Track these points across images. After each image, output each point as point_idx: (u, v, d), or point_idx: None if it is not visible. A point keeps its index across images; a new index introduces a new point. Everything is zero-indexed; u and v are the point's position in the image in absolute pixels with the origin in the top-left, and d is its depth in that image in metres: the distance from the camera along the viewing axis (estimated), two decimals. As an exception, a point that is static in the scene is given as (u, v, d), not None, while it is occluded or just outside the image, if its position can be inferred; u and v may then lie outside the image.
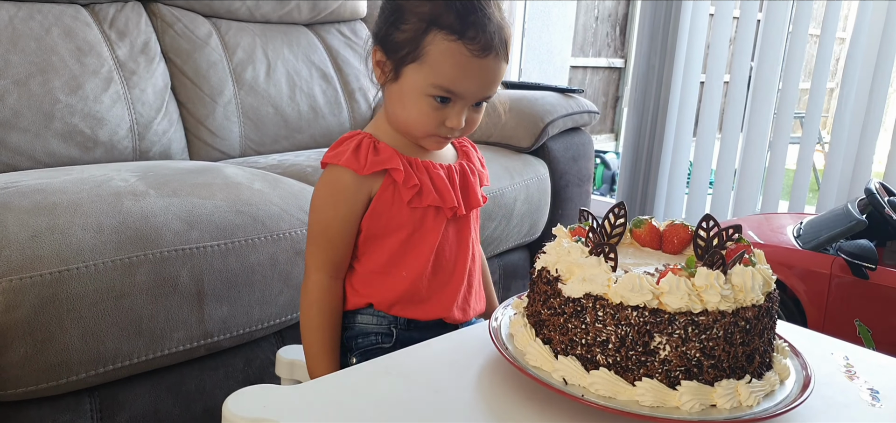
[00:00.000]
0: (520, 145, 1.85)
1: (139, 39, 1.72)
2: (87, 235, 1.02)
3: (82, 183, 1.14)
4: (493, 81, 0.88)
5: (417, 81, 0.86)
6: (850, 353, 0.83)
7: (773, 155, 2.74)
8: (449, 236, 0.95)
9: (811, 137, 2.71)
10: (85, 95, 1.56)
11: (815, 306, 1.80)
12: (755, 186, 2.80)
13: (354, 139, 0.91)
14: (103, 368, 1.06)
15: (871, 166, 2.53)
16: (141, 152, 1.65)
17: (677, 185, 2.96)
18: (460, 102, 0.87)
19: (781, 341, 0.73)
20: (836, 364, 0.79)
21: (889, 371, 0.79)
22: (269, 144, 1.90)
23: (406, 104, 0.88)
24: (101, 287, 1.02)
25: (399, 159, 0.89)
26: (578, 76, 4.80)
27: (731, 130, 2.86)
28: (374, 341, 0.95)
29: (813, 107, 2.67)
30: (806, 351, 0.81)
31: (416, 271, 0.92)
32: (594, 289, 0.65)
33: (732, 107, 2.82)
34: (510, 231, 1.74)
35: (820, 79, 2.62)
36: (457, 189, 0.94)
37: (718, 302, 0.62)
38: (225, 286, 1.16)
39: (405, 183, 0.89)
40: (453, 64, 0.84)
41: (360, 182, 0.89)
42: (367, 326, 0.95)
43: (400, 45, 0.86)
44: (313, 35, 2.13)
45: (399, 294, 0.93)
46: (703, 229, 0.78)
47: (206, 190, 1.20)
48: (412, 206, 0.90)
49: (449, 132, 0.89)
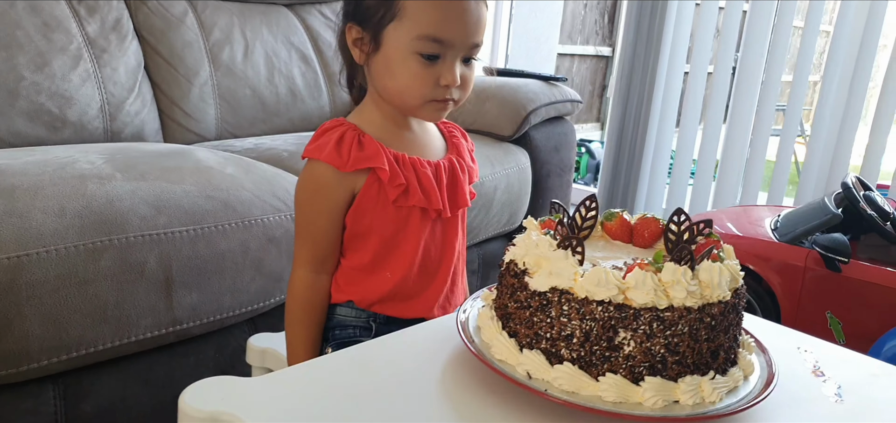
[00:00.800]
0: (501, 134, 1.84)
1: (110, 16, 1.67)
2: (49, 219, 1.00)
3: (45, 165, 1.11)
4: (477, 23, 0.84)
5: (400, 40, 0.82)
6: (817, 349, 0.83)
7: (755, 146, 2.76)
8: (436, 236, 0.93)
9: (792, 129, 2.72)
10: (52, 73, 1.52)
11: (788, 298, 1.81)
12: (736, 177, 2.81)
13: (337, 131, 0.86)
14: (66, 355, 1.04)
15: (849, 159, 2.54)
16: (112, 134, 1.61)
17: (659, 174, 2.97)
18: (451, 54, 0.83)
19: (748, 337, 0.73)
20: (802, 361, 0.79)
21: (855, 368, 0.79)
22: (245, 127, 1.87)
23: (394, 71, 0.84)
24: (63, 273, 0.99)
25: (384, 156, 0.85)
26: (566, 64, 4.79)
27: (714, 121, 2.87)
28: (351, 334, 0.93)
29: (795, 99, 2.68)
30: (774, 347, 0.81)
31: (401, 271, 0.90)
32: (560, 283, 0.64)
33: (715, 97, 2.83)
34: (490, 221, 1.73)
35: (802, 71, 2.63)
36: (443, 189, 0.90)
37: (684, 298, 0.62)
38: (194, 273, 1.14)
39: (391, 182, 0.85)
40: (432, 7, 0.81)
41: (341, 178, 0.85)
42: (346, 319, 0.93)
43: (374, 8, 0.83)
44: (293, 16, 2.09)
45: (382, 294, 0.91)
46: (674, 223, 0.77)
47: (175, 174, 1.18)
48: (397, 205, 0.87)
49: (446, 92, 0.85)
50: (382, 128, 0.89)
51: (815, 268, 1.76)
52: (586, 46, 5.00)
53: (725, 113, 2.86)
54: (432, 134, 0.97)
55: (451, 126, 1.01)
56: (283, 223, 1.25)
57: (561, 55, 4.67)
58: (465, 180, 0.95)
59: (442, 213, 0.90)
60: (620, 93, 2.95)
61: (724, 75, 2.81)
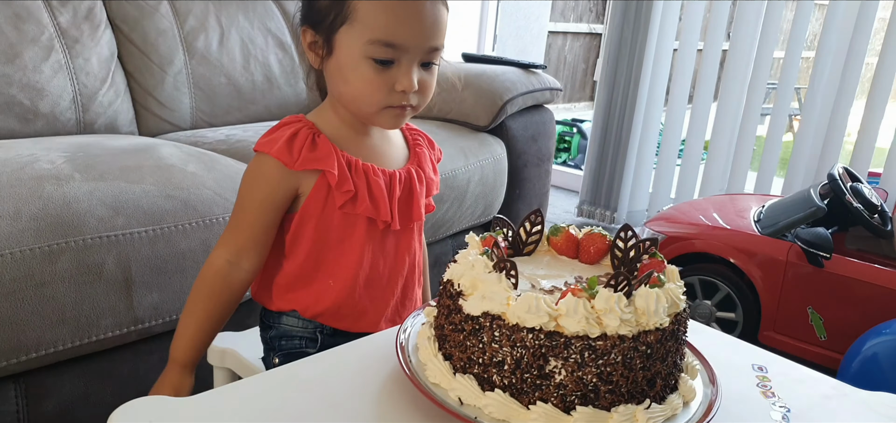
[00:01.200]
0: (477, 123, 1.81)
1: (83, 5, 1.65)
2: (4, 222, 0.99)
3: (4, 165, 1.10)
4: (433, 26, 0.80)
5: (352, 45, 0.79)
6: (773, 366, 0.82)
7: (745, 126, 2.72)
8: (386, 248, 0.90)
9: (783, 108, 2.68)
10: (23, 64, 1.50)
11: (769, 292, 1.80)
12: (725, 157, 2.78)
13: (292, 127, 0.84)
14: (25, 356, 1.03)
15: (843, 137, 2.51)
16: (85, 125, 1.60)
17: (646, 156, 2.95)
18: (406, 59, 0.80)
19: (692, 361, 0.72)
20: (753, 381, 0.78)
21: (806, 387, 0.78)
22: (221, 116, 1.86)
23: (347, 76, 0.81)
24: (18, 276, 0.99)
25: (335, 159, 0.83)
26: (558, 42, 4.74)
27: (703, 100, 2.83)
28: (297, 346, 0.91)
29: (786, 77, 2.63)
30: (727, 364, 0.80)
31: (345, 281, 0.88)
32: (493, 308, 0.63)
33: (705, 76, 2.79)
34: (463, 213, 1.71)
35: (795, 48, 2.58)
36: (394, 201, 0.87)
37: (618, 326, 0.60)
38: (154, 273, 1.13)
39: (339, 186, 0.83)
40: (383, 9, 0.77)
41: (286, 175, 0.83)
42: (292, 329, 0.92)
43: (325, 11, 0.80)
44: (271, 1, 2.06)
45: (325, 305, 0.89)
46: (621, 239, 0.75)
47: (135, 173, 1.16)
48: (344, 211, 0.85)
49: (402, 98, 0.81)
50: (339, 130, 0.87)
51: (797, 262, 1.75)
52: (579, 24, 4.95)
53: (715, 91, 2.83)
54: (394, 142, 0.94)
55: (416, 134, 0.98)
56: (248, 222, 1.24)
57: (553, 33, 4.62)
58: (421, 193, 0.92)
59: (390, 224, 0.87)
60: (607, 72, 2.92)
61: (714, 53, 2.78)
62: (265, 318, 0.95)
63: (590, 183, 3.08)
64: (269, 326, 0.94)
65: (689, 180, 2.91)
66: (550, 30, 4.41)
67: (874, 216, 1.80)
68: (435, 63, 0.84)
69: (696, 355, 0.75)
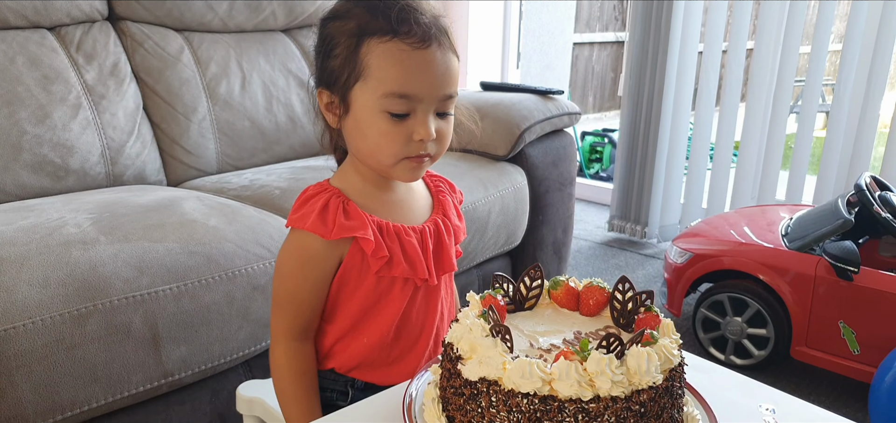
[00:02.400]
0: (496, 153, 1.83)
1: (108, 61, 1.72)
2: (33, 290, 1.04)
3: (34, 231, 1.16)
4: (446, 75, 0.81)
5: (367, 99, 0.80)
6: (781, 405, 0.81)
7: (774, 125, 2.67)
8: (418, 300, 0.90)
9: (812, 105, 2.62)
10: (53, 124, 1.57)
11: (799, 307, 1.77)
12: (756, 158, 2.73)
13: (322, 198, 0.84)
14: (61, 415, 1.08)
15: (875, 132, 2.45)
16: (114, 177, 1.66)
17: (676, 163, 2.90)
18: (421, 109, 0.81)
19: (693, 410, 0.72)
20: (759, 421, 0.77)
21: (815, 428, 0.77)
22: (246, 159, 1.91)
23: (364, 131, 0.82)
24: (50, 341, 1.04)
25: (369, 225, 0.83)
26: (585, 53, 4.72)
27: (731, 102, 2.79)
28: (329, 398, 0.93)
29: (814, 72, 2.57)
30: (733, 405, 0.80)
31: (378, 337, 0.89)
32: (489, 373, 0.64)
33: (731, 77, 2.75)
34: (486, 243, 1.72)
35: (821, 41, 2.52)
36: (429, 256, 0.88)
37: (610, 388, 0.61)
38: (180, 328, 1.17)
39: (375, 253, 0.83)
40: (395, 62, 0.79)
41: (328, 247, 0.83)
42: (324, 382, 0.92)
43: (339, 70, 0.81)
44: (290, 41, 2.11)
45: (359, 359, 0.90)
46: (618, 292, 0.76)
47: (158, 232, 1.21)
48: (380, 275, 0.85)
49: (420, 147, 0.82)
50: (364, 192, 0.87)
51: (827, 276, 1.72)
52: (605, 33, 4.92)
53: (742, 92, 2.78)
54: (417, 194, 0.94)
55: (438, 181, 0.99)
56: (268, 271, 1.28)
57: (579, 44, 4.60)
58: (451, 244, 0.92)
59: (428, 281, 0.88)
60: (631, 80, 2.90)
61: (739, 53, 2.73)
62: None
63: (619, 197, 3.06)
64: None
65: (721, 187, 2.86)
66: (576, 41, 4.40)
67: (906, 224, 1.76)
68: (450, 113, 0.85)
69: (699, 400, 0.75)
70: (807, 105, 2.62)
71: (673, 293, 2.06)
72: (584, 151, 4.46)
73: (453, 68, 0.83)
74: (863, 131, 2.44)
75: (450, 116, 0.85)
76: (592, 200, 3.73)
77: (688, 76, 2.82)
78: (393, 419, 0.75)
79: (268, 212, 1.43)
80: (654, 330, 0.67)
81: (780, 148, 2.69)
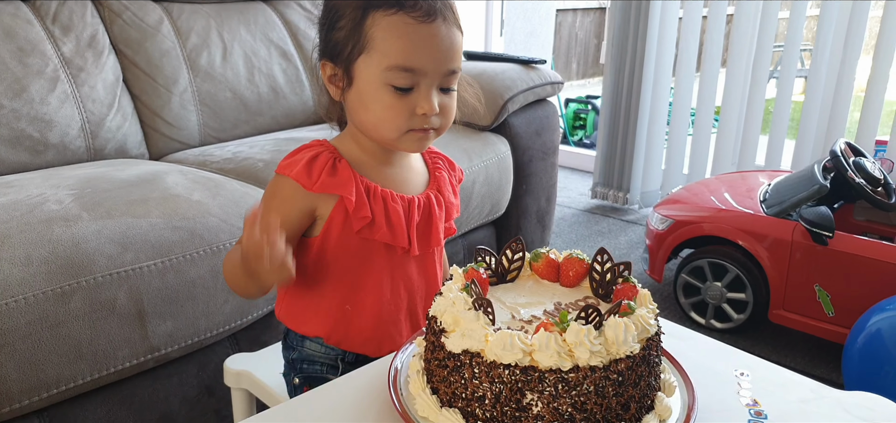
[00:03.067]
0: (480, 124, 1.83)
1: (85, 33, 1.69)
2: (16, 269, 1.03)
3: (15, 208, 1.15)
4: (450, 50, 0.81)
5: (371, 72, 0.81)
6: (756, 371, 0.83)
7: (754, 90, 2.70)
8: (407, 273, 0.91)
9: (790, 70, 2.65)
10: (30, 98, 1.55)
11: (777, 272, 1.80)
12: (736, 124, 2.76)
13: (313, 150, 0.85)
14: (46, 393, 1.08)
15: (851, 95, 2.48)
16: (95, 151, 1.65)
17: (657, 129, 2.93)
18: (425, 84, 0.81)
19: (669, 377, 0.74)
20: (733, 387, 0.80)
21: (786, 391, 0.80)
22: (229, 130, 1.89)
23: (367, 103, 0.82)
24: (33, 319, 1.04)
25: (354, 184, 0.84)
26: (568, 19, 4.70)
27: (711, 67, 2.81)
28: (318, 371, 0.94)
29: (792, 37, 2.60)
30: (710, 372, 0.82)
31: (366, 307, 0.89)
32: (472, 345, 0.66)
33: (711, 42, 2.76)
34: (470, 214, 1.74)
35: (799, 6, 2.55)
36: (413, 226, 0.88)
37: (589, 358, 0.63)
38: (166, 303, 1.17)
39: (356, 212, 0.83)
40: (399, 35, 0.79)
41: (303, 196, 0.84)
42: (314, 354, 0.94)
43: (343, 42, 0.82)
44: (272, 11, 2.09)
45: (347, 331, 0.91)
46: (597, 263, 0.78)
47: (141, 207, 1.21)
48: (362, 236, 0.86)
49: (424, 121, 0.82)
50: (360, 158, 0.88)
51: (802, 241, 1.75)
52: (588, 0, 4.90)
53: (722, 57, 2.80)
54: (414, 169, 0.95)
55: (437, 157, 0.99)
56: (253, 244, 1.28)
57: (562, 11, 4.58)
58: (440, 218, 0.93)
59: (409, 250, 0.89)
60: (613, 47, 2.90)
61: (719, 18, 2.74)
62: (288, 338, 0.97)
63: (602, 165, 3.08)
64: (291, 347, 0.96)
65: (702, 152, 2.89)
66: (559, 8, 4.38)
67: (878, 189, 1.79)
68: (453, 88, 0.85)
69: (676, 367, 0.78)
70: (785, 70, 2.65)
71: (654, 259, 2.09)
72: (568, 118, 4.47)
73: (457, 43, 0.83)
74: (839, 96, 2.47)
75: (453, 92, 0.85)
76: (576, 167, 3.75)
77: (668, 42, 2.83)
78: (379, 390, 0.77)
79: (251, 185, 1.43)
80: (631, 301, 0.69)
81: (760, 113, 2.72)
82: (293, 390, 0.96)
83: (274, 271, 0.76)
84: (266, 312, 1.36)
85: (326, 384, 0.81)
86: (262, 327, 1.40)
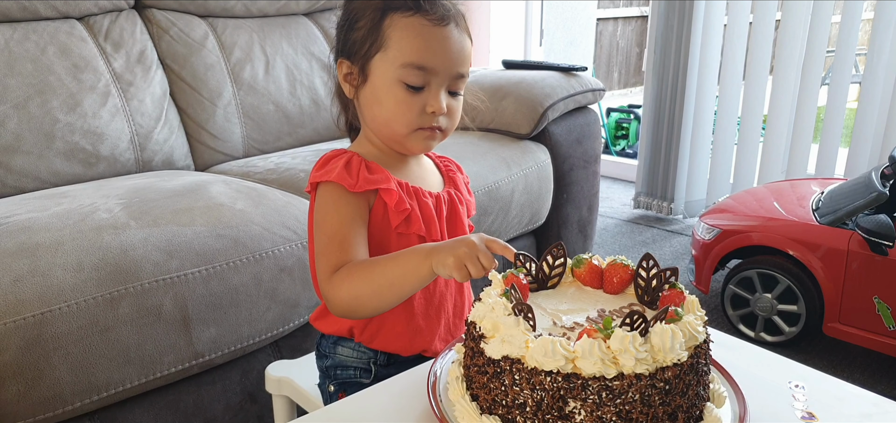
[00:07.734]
0: (519, 132, 1.82)
1: (135, 49, 1.74)
2: (68, 275, 1.06)
3: (68, 217, 1.18)
4: (460, 54, 0.87)
5: (386, 70, 0.85)
6: (812, 384, 0.80)
7: (803, 98, 2.61)
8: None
9: (843, 76, 2.55)
10: (83, 112, 1.60)
11: (832, 283, 1.74)
12: (785, 134, 2.68)
13: (343, 157, 0.87)
14: (97, 396, 1.11)
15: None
16: (143, 163, 1.69)
17: (702, 139, 2.86)
18: (435, 82, 0.85)
19: (719, 387, 0.71)
20: (787, 400, 0.76)
21: (845, 406, 0.76)
22: (271, 142, 1.92)
23: (381, 99, 0.86)
24: (84, 323, 1.06)
25: (392, 179, 0.87)
26: (609, 28, 4.65)
27: (758, 75, 2.73)
28: (352, 376, 0.95)
29: (845, 42, 2.50)
30: (763, 384, 0.79)
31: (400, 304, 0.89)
32: (512, 352, 0.64)
33: (758, 48, 2.69)
34: (509, 223, 1.72)
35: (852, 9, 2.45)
36: (443, 220, 0.92)
37: (634, 365, 0.61)
38: (210, 309, 1.19)
39: (397, 207, 0.86)
40: (415, 35, 0.84)
41: (351, 197, 0.85)
42: (347, 359, 0.95)
43: (361, 41, 0.86)
44: (313, 24, 2.12)
45: (381, 327, 0.92)
46: (643, 269, 0.75)
47: (186, 216, 1.23)
48: (399, 232, 0.88)
49: (432, 119, 0.86)
50: (379, 159, 0.91)
51: (860, 251, 1.68)
52: (629, 8, 4.84)
53: (770, 64, 2.72)
54: (428, 168, 0.99)
55: (446, 160, 1.03)
56: (294, 252, 1.29)
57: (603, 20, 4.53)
58: (463, 213, 0.96)
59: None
60: (655, 55, 2.85)
61: (766, 24, 2.67)
62: (321, 347, 0.99)
63: (645, 174, 3.02)
64: (324, 355, 0.98)
65: (749, 162, 2.82)
66: (600, 17, 4.34)
67: (942, 197, 1.71)
68: (460, 93, 0.90)
69: (726, 377, 0.75)
70: (838, 76, 2.56)
71: (701, 270, 2.04)
72: (610, 127, 4.41)
73: (467, 49, 0.88)
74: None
75: (460, 96, 0.90)
76: (618, 177, 3.69)
77: (713, 49, 2.77)
78: (417, 396, 0.76)
79: (293, 195, 1.45)
80: (678, 307, 0.67)
81: (812, 121, 2.64)
82: (329, 398, 0.97)
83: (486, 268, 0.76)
84: (306, 320, 1.37)
85: (363, 390, 0.80)
86: (303, 336, 1.41)
